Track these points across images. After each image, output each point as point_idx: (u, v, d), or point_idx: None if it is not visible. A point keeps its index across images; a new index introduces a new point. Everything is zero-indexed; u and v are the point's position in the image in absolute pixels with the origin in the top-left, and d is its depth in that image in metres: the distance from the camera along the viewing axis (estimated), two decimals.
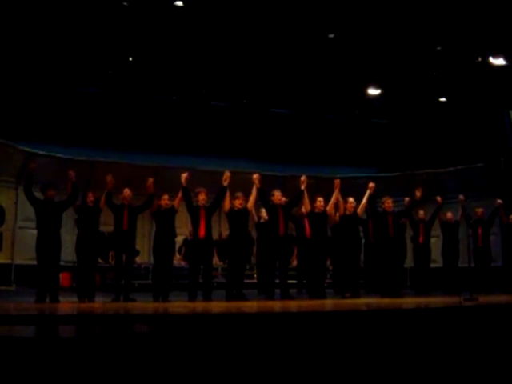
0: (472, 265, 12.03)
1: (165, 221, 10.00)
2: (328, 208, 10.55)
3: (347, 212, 10.68)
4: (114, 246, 10.23)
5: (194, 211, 9.83)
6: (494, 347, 5.21)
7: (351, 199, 10.76)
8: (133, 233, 10.05)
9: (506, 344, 5.30)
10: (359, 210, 10.83)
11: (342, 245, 10.85)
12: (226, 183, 9.90)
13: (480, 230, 12.64)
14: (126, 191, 10.04)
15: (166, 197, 10.07)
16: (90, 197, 9.85)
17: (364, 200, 10.83)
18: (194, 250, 10.01)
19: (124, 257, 9.95)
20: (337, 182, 10.56)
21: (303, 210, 10.96)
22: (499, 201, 12.78)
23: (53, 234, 9.30)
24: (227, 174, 9.97)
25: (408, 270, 14.23)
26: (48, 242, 9.24)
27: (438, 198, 12.40)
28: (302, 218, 11.42)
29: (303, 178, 10.33)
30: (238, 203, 10.04)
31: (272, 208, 10.24)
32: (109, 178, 9.85)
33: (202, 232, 9.73)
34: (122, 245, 9.87)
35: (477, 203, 13.98)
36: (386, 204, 11.07)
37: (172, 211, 10.01)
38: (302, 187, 10.27)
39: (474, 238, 12.62)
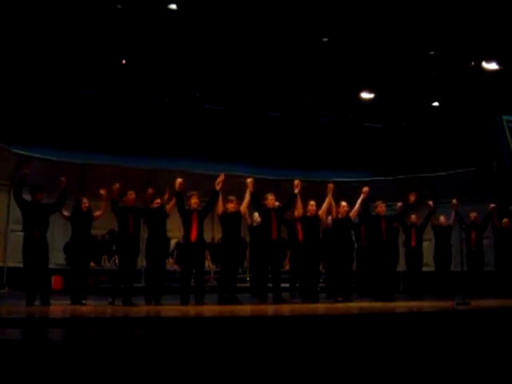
0: (464, 269, 12.06)
1: (157, 224, 9.96)
2: (320, 212, 10.55)
3: (340, 216, 10.66)
4: (119, 248, 10.18)
5: (186, 215, 9.80)
6: (487, 351, 5.21)
7: (344, 203, 10.74)
8: (137, 235, 10.00)
9: (499, 348, 5.31)
10: (352, 214, 10.82)
11: (334, 249, 10.83)
12: (218, 187, 9.88)
13: (473, 234, 12.64)
14: (131, 194, 9.92)
15: (158, 201, 10.02)
16: (85, 203, 9.96)
17: (357, 205, 10.83)
18: (185, 254, 9.98)
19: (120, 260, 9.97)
20: (330, 186, 10.55)
21: (296, 213, 10.95)
22: (492, 205, 12.81)
23: (39, 237, 9.26)
24: (221, 177, 9.94)
25: (400, 274, 14.23)
26: (34, 245, 9.20)
27: (430, 203, 12.40)
28: (295, 222, 11.40)
29: (297, 181, 10.32)
30: (231, 207, 10.03)
31: (265, 212, 10.23)
32: (115, 186, 9.77)
33: (193, 235, 9.70)
34: (127, 247, 9.80)
35: (470, 207, 14.00)
36: (379, 208, 11.08)
37: (163, 215, 9.97)
38: (296, 191, 10.26)
39: (467, 242, 12.62)
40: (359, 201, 10.80)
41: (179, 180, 9.79)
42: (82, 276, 9.77)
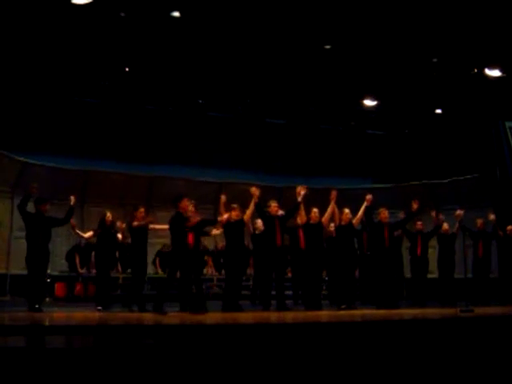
0: (468, 276, 12.03)
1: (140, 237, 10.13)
2: (323, 219, 10.52)
3: (343, 223, 10.63)
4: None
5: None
6: (490, 359, 5.19)
7: (347, 210, 10.72)
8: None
9: (502, 355, 5.29)
10: (355, 222, 10.79)
11: (337, 256, 10.80)
12: (220, 225, 9.92)
13: (481, 242, 12.60)
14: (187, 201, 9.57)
15: (142, 209, 10.10)
16: (109, 216, 10.41)
17: (360, 212, 10.80)
18: (184, 261, 9.95)
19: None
20: (334, 193, 10.52)
21: (298, 221, 10.93)
22: (492, 216, 12.77)
23: (42, 247, 9.55)
24: (304, 190, 10.08)
25: (404, 281, 14.17)
26: (37, 254, 9.45)
27: (440, 217, 12.37)
28: (297, 229, 11.39)
29: (299, 188, 10.27)
30: (234, 214, 10.02)
31: (269, 219, 10.18)
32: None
33: (190, 241, 9.70)
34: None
35: (472, 214, 13.97)
36: (382, 215, 11.05)
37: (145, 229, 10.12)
38: (299, 199, 10.23)
39: (474, 250, 12.60)
40: (362, 208, 10.78)
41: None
42: (107, 284, 10.25)
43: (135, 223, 10.00)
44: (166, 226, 9.98)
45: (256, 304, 11.67)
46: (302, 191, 10.25)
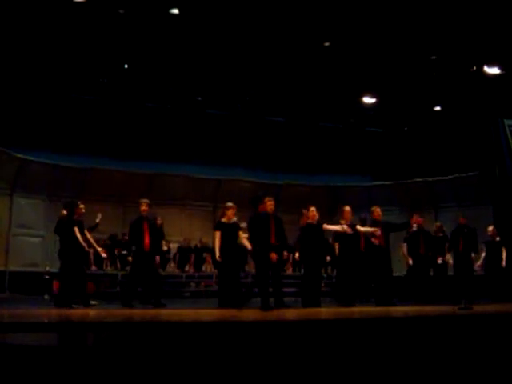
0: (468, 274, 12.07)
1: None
2: (324, 228, 10.45)
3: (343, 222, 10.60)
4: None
5: (138, 224, 10.05)
6: (487, 356, 5.20)
7: (347, 208, 10.66)
8: None
9: (498, 354, 5.30)
10: (356, 228, 10.75)
11: (338, 254, 10.79)
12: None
13: (461, 238, 12.48)
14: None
15: (82, 206, 10.23)
16: (159, 220, 11.18)
17: (362, 230, 10.77)
18: (140, 260, 10.15)
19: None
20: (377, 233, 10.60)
21: (301, 222, 10.88)
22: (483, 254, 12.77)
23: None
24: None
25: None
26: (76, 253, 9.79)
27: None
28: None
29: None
30: (230, 213, 10.03)
31: (264, 216, 10.07)
32: None
33: (146, 243, 9.87)
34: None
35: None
36: (376, 213, 10.99)
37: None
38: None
39: (455, 248, 12.56)
40: (365, 231, 10.75)
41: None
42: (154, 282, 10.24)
43: (78, 233, 9.98)
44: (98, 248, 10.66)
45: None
46: None
